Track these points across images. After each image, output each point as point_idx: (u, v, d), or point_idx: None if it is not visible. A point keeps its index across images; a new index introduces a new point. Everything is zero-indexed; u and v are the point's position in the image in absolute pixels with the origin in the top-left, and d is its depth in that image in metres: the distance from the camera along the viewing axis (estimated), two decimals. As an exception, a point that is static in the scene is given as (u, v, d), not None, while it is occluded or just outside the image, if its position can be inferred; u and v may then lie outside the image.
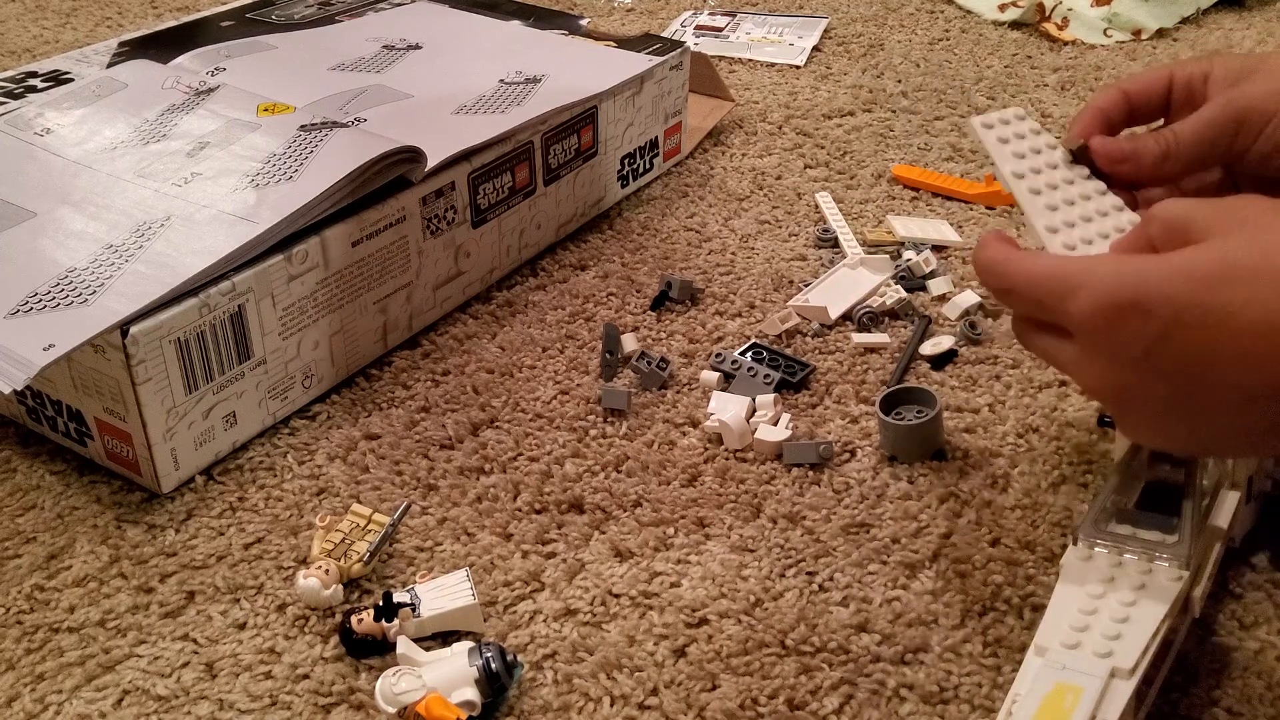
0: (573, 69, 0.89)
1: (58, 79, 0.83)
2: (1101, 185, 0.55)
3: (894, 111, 1.08)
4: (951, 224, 0.88)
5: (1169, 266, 0.44)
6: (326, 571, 0.56)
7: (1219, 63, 0.56)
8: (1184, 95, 0.57)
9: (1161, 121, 0.59)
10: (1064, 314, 0.46)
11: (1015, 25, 1.30)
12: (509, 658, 0.51)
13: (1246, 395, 0.43)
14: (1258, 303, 0.42)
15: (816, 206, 0.92)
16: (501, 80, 0.86)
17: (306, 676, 0.53)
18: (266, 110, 0.77)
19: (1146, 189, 0.58)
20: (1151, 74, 0.58)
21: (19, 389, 0.55)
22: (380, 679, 0.50)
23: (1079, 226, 0.53)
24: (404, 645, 0.52)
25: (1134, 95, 0.58)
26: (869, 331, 0.76)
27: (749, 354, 0.73)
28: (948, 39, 1.26)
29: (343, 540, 0.58)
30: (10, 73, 0.84)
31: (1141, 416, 0.47)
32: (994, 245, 0.50)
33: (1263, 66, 0.55)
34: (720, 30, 1.29)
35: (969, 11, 1.34)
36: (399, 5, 1.03)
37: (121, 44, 0.90)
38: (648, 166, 0.95)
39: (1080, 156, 0.55)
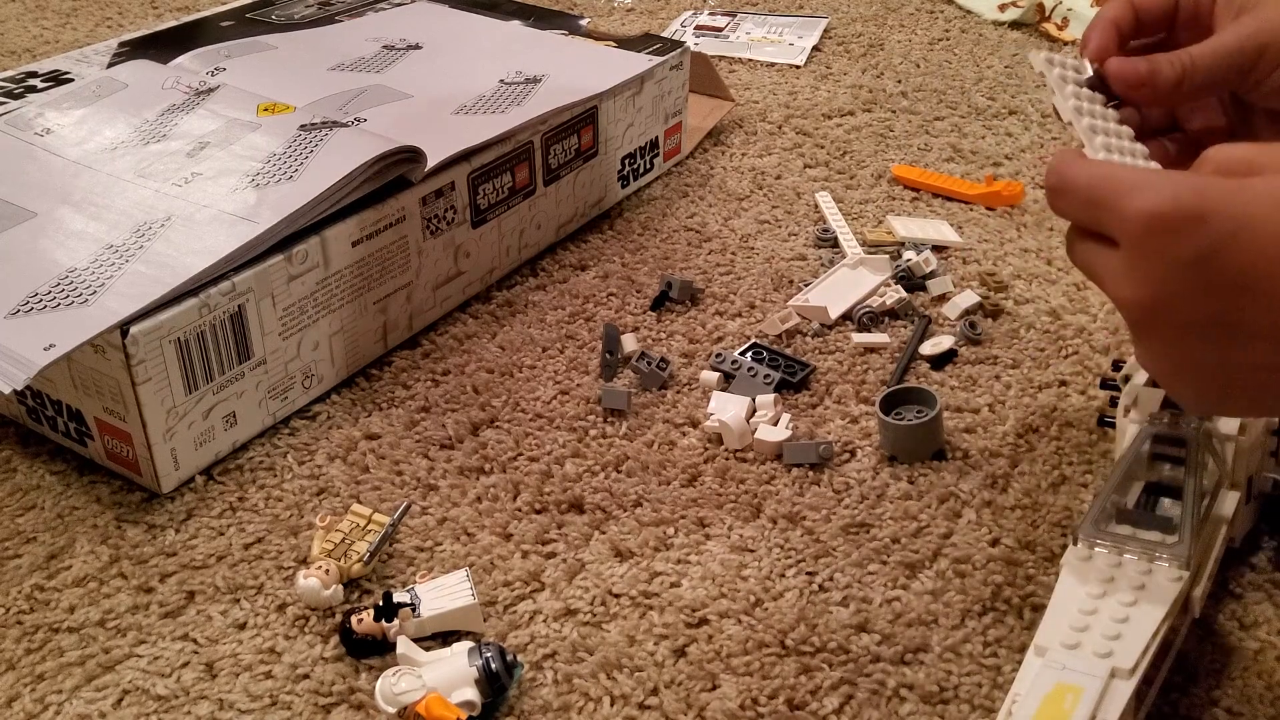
0: (573, 69, 0.89)
1: (58, 79, 0.83)
2: (1131, 132, 0.54)
3: (894, 111, 1.08)
4: (951, 224, 0.88)
5: (1235, 185, 0.42)
6: (326, 571, 0.56)
7: None
8: (1189, 14, 0.56)
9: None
10: (1118, 214, 0.44)
11: (1015, 25, 1.30)
12: (509, 658, 0.51)
13: None
14: None
15: (816, 206, 0.92)
16: (501, 80, 0.86)
17: (306, 676, 0.53)
18: (266, 110, 0.77)
19: (1148, 114, 0.57)
20: None
21: (19, 389, 0.55)
22: (380, 679, 0.50)
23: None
24: (404, 645, 0.52)
25: (1141, 8, 0.56)
26: (869, 331, 0.76)
27: (749, 354, 0.73)
28: (948, 39, 1.26)
29: (343, 540, 0.58)
30: (10, 73, 0.84)
31: (1170, 340, 0.44)
32: (1063, 153, 0.48)
33: None
34: (720, 30, 1.29)
35: (969, 11, 1.34)
36: (399, 5, 1.03)
37: (121, 44, 0.90)
38: (648, 166, 0.95)
39: (1095, 81, 0.54)
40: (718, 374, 0.72)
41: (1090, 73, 0.54)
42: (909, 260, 0.81)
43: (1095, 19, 0.57)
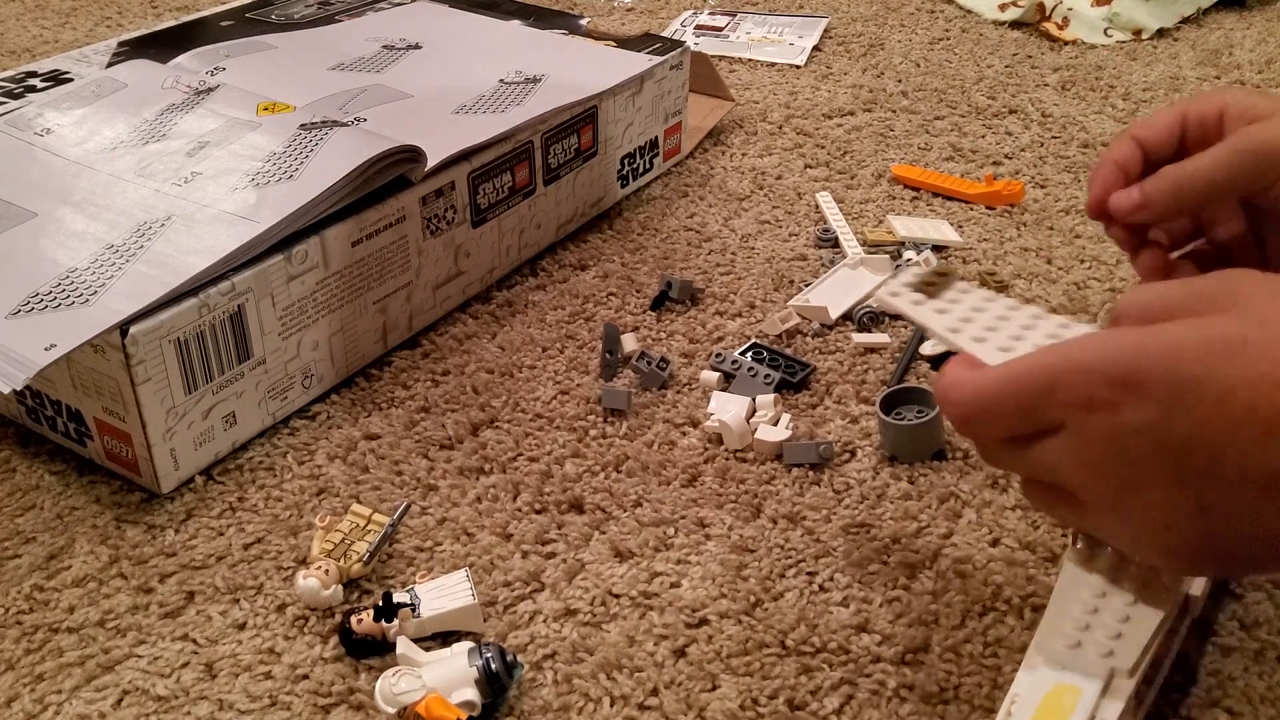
0: (573, 69, 0.89)
1: (57, 79, 0.83)
2: (1037, 310, 0.50)
3: (894, 111, 1.08)
4: (951, 224, 0.88)
5: (1161, 339, 0.40)
6: (326, 572, 0.56)
7: (1233, 98, 0.55)
8: (1198, 133, 0.55)
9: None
10: (1052, 408, 0.42)
11: (1015, 25, 1.30)
12: (509, 658, 0.51)
13: (1261, 486, 0.39)
14: (1261, 379, 0.38)
15: (817, 206, 0.92)
16: (501, 80, 0.86)
17: (306, 677, 0.53)
18: (266, 109, 0.77)
19: (1163, 238, 0.57)
20: (1163, 116, 0.56)
21: (19, 389, 0.55)
22: (380, 679, 0.50)
23: (1026, 338, 0.48)
24: (404, 645, 0.52)
25: (1148, 142, 0.56)
26: (869, 331, 0.76)
27: (749, 354, 0.73)
28: (948, 39, 1.26)
29: (342, 540, 0.58)
30: (10, 73, 0.84)
31: (1146, 523, 0.42)
32: (953, 367, 0.46)
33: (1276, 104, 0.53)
34: (720, 30, 1.29)
35: (969, 11, 1.34)
36: (399, 5, 1.03)
37: (121, 44, 0.90)
38: (648, 166, 0.95)
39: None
40: (718, 374, 0.72)
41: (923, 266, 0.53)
42: (909, 260, 0.81)
43: (1100, 160, 0.57)
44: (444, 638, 0.55)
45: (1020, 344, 0.48)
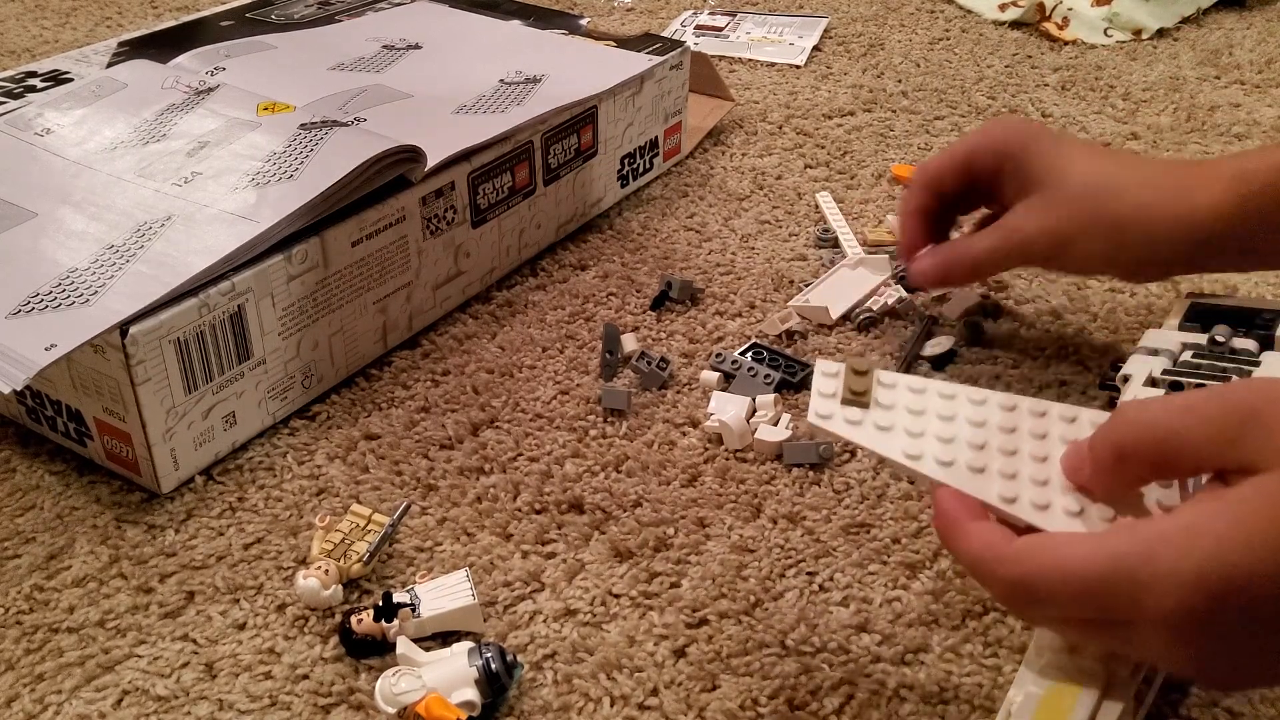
0: (573, 69, 0.89)
1: (57, 79, 0.83)
2: (976, 393, 0.48)
3: (894, 111, 1.08)
4: (951, 224, 0.88)
5: (1249, 529, 0.38)
6: (326, 572, 0.56)
7: (1009, 140, 0.65)
8: (982, 172, 0.66)
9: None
10: (1135, 614, 0.39)
11: (1015, 25, 1.30)
12: (509, 658, 0.51)
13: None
14: None
15: (817, 206, 0.92)
16: (501, 80, 0.86)
17: (306, 677, 0.53)
18: (266, 109, 0.77)
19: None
20: (945, 159, 0.67)
21: (19, 389, 0.55)
22: (380, 679, 0.50)
23: (1022, 469, 0.46)
24: (404, 645, 0.52)
25: (938, 185, 0.68)
26: (866, 332, 0.76)
27: (749, 354, 0.73)
28: (948, 39, 1.26)
29: (342, 540, 0.58)
30: (10, 73, 0.84)
31: (1235, 678, 0.42)
32: (976, 533, 0.43)
33: (1047, 156, 0.63)
34: (720, 30, 1.29)
35: (969, 11, 1.34)
36: (399, 5, 1.03)
37: (121, 44, 0.90)
38: (648, 166, 0.95)
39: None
40: (718, 374, 0.72)
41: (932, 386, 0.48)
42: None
43: (900, 212, 0.69)
44: (444, 638, 0.55)
45: (1023, 464, 0.45)
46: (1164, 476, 0.43)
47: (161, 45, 0.89)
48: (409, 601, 0.54)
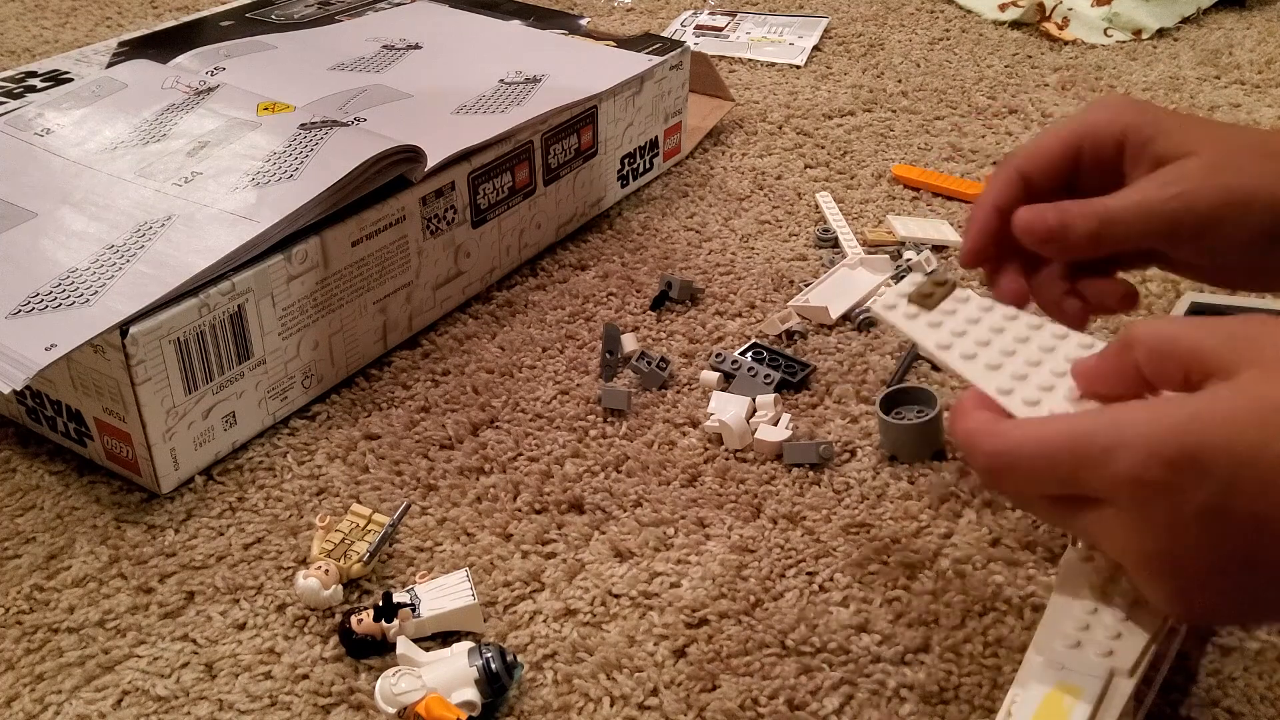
0: (573, 69, 0.89)
1: (57, 79, 0.83)
2: (1034, 319, 0.49)
3: (894, 111, 1.08)
4: (951, 224, 0.88)
5: (1216, 411, 0.38)
6: (326, 572, 0.56)
7: (1131, 119, 0.50)
8: (1093, 163, 0.51)
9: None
10: (1097, 482, 0.40)
11: (1015, 25, 1.30)
12: (509, 658, 0.51)
13: None
14: None
15: (816, 206, 0.92)
16: (501, 80, 0.86)
17: (306, 677, 0.53)
18: (266, 109, 0.77)
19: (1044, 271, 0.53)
20: (1051, 142, 0.52)
21: (19, 389, 0.55)
22: (380, 679, 0.50)
23: (1032, 374, 0.47)
24: (404, 645, 0.52)
25: (1034, 177, 0.52)
26: (867, 332, 0.76)
27: (749, 354, 0.73)
28: (948, 39, 1.26)
29: (342, 540, 0.58)
30: (10, 72, 0.84)
31: (1193, 588, 0.40)
32: (975, 414, 0.44)
33: (1182, 130, 0.49)
34: (720, 30, 1.29)
35: (969, 11, 1.34)
36: (399, 5, 1.03)
37: (121, 44, 0.90)
38: (648, 166, 0.95)
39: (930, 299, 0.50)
40: (718, 374, 0.72)
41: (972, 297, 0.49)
42: (909, 260, 0.81)
43: (979, 202, 0.52)
44: (444, 638, 0.55)
45: (1036, 372, 0.46)
46: (1171, 383, 0.42)
47: (161, 45, 0.89)
48: (409, 601, 0.54)
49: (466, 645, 0.52)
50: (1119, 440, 0.39)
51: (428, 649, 0.53)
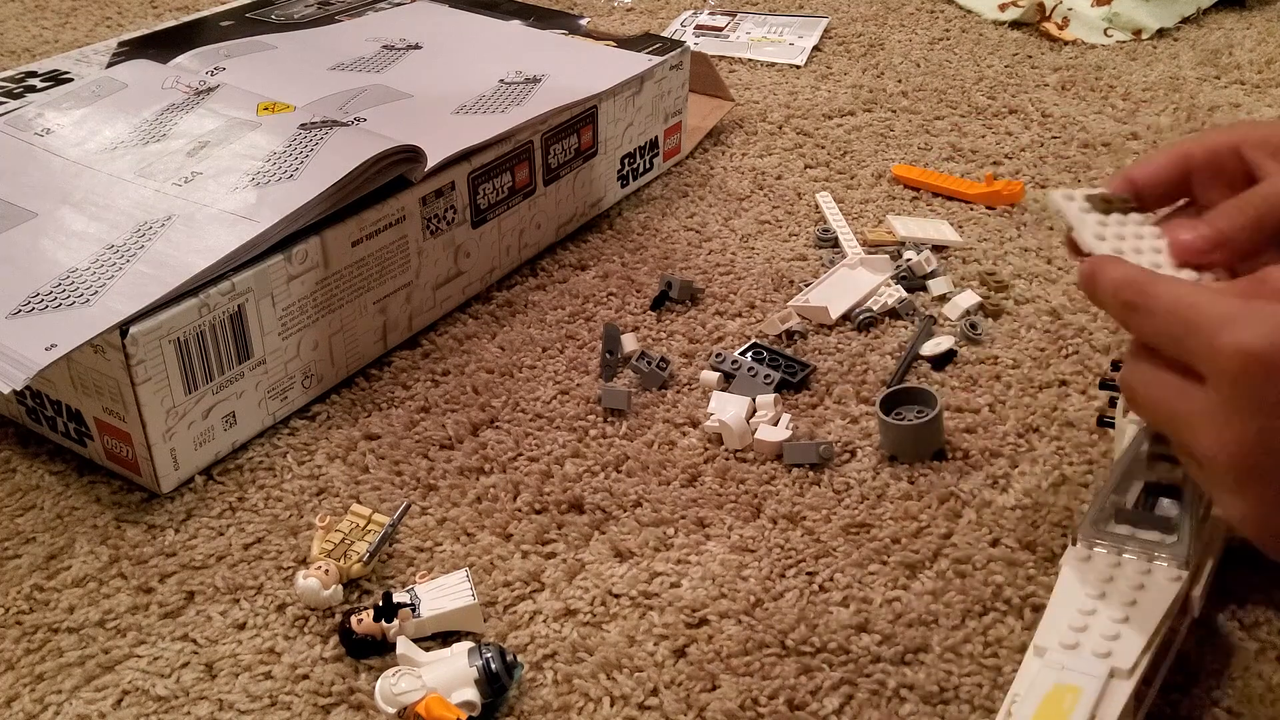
0: (573, 69, 0.89)
1: (57, 79, 0.83)
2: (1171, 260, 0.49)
3: (894, 111, 1.08)
4: (951, 224, 0.88)
5: None
6: (326, 572, 0.56)
7: (1245, 133, 0.49)
8: (1210, 172, 0.50)
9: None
10: (1208, 350, 0.40)
11: (1015, 25, 1.30)
12: (509, 658, 0.51)
13: None
14: None
15: (816, 206, 0.92)
16: (501, 80, 0.86)
17: (306, 677, 0.53)
18: (266, 109, 0.77)
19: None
20: (1161, 157, 0.51)
21: (19, 389, 0.55)
22: (380, 679, 0.50)
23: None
24: (404, 645, 0.52)
25: (1145, 188, 0.51)
26: (867, 332, 0.76)
27: (749, 354, 0.73)
28: (948, 39, 1.26)
29: (342, 540, 0.58)
30: (10, 72, 0.84)
31: (1268, 485, 0.40)
32: (1128, 266, 0.45)
33: None
34: (720, 30, 1.29)
35: (969, 11, 1.34)
36: (399, 5, 1.03)
37: (121, 44, 0.90)
38: (648, 166, 0.95)
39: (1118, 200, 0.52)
40: (718, 374, 0.72)
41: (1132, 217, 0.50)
42: (909, 260, 0.81)
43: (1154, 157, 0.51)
44: (444, 638, 0.55)
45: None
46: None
47: (161, 45, 0.89)
48: (409, 601, 0.54)
49: (466, 645, 0.52)
50: (1236, 317, 0.39)
51: (428, 649, 0.53)
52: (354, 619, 0.54)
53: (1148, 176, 0.51)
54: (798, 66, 1.19)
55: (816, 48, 1.23)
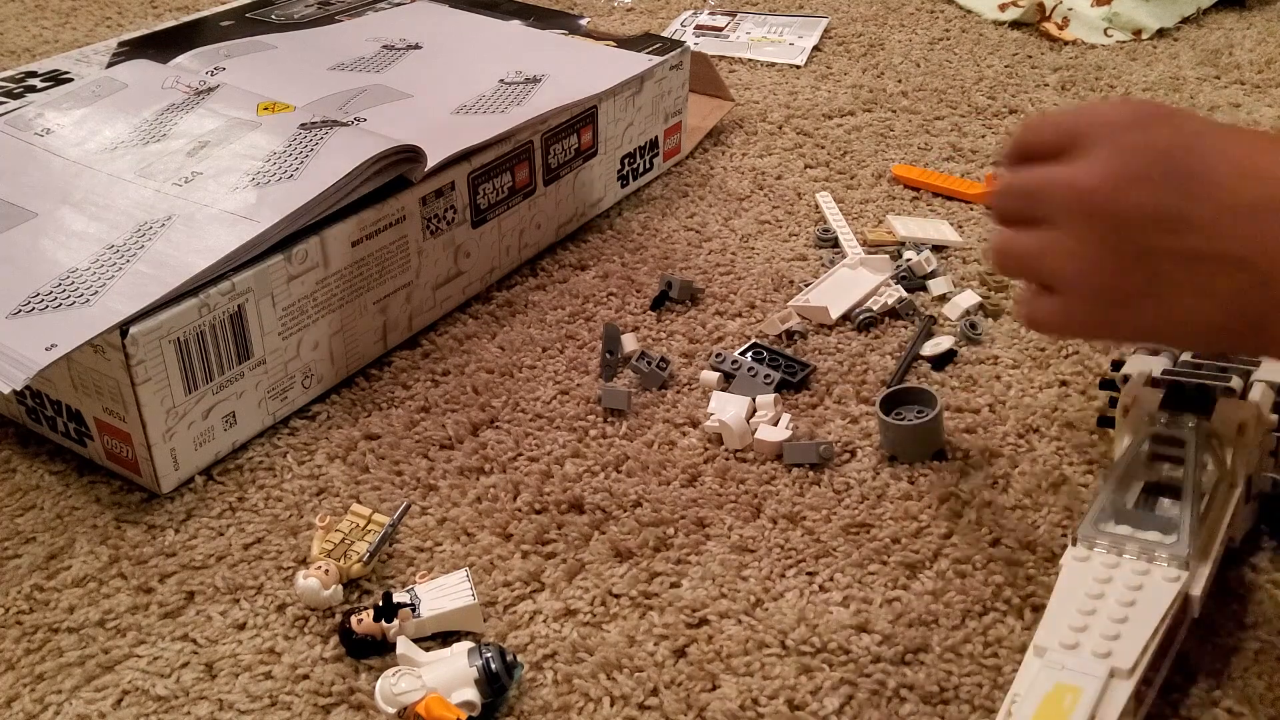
0: (573, 69, 0.89)
1: (57, 79, 0.83)
2: None
3: (894, 111, 1.08)
4: (951, 224, 0.88)
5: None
6: (326, 572, 0.56)
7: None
8: None
9: None
10: (1098, 114, 0.48)
11: (1015, 25, 1.30)
12: (509, 658, 0.51)
13: (1219, 249, 0.44)
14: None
15: (817, 206, 0.92)
16: (501, 80, 0.86)
17: (306, 677, 0.53)
18: (266, 109, 0.77)
19: None
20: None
21: (19, 389, 0.55)
22: (380, 679, 0.50)
23: None
24: (404, 645, 0.52)
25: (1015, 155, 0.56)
26: (868, 332, 0.76)
27: (749, 354, 0.73)
28: (948, 39, 1.26)
29: (342, 540, 0.58)
30: (10, 72, 0.84)
31: (1109, 227, 0.46)
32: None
33: None
34: (720, 30, 1.29)
35: (969, 11, 1.34)
36: (399, 5, 1.03)
37: (121, 44, 0.90)
38: (648, 166, 0.95)
39: None
40: (718, 374, 0.72)
41: None
42: (909, 260, 0.81)
43: None
44: (444, 638, 0.55)
45: None
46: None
47: (161, 45, 0.89)
48: (409, 601, 0.54)
49: (466, 645, 0.52)
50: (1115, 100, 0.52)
51: (428, 649, 0.53)
52: (354, 619, 0.54)
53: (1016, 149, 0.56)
54: (798, 66, 1.19)
55: (816, 48, 1.23)
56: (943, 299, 0.80)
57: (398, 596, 0.54)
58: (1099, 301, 0.48)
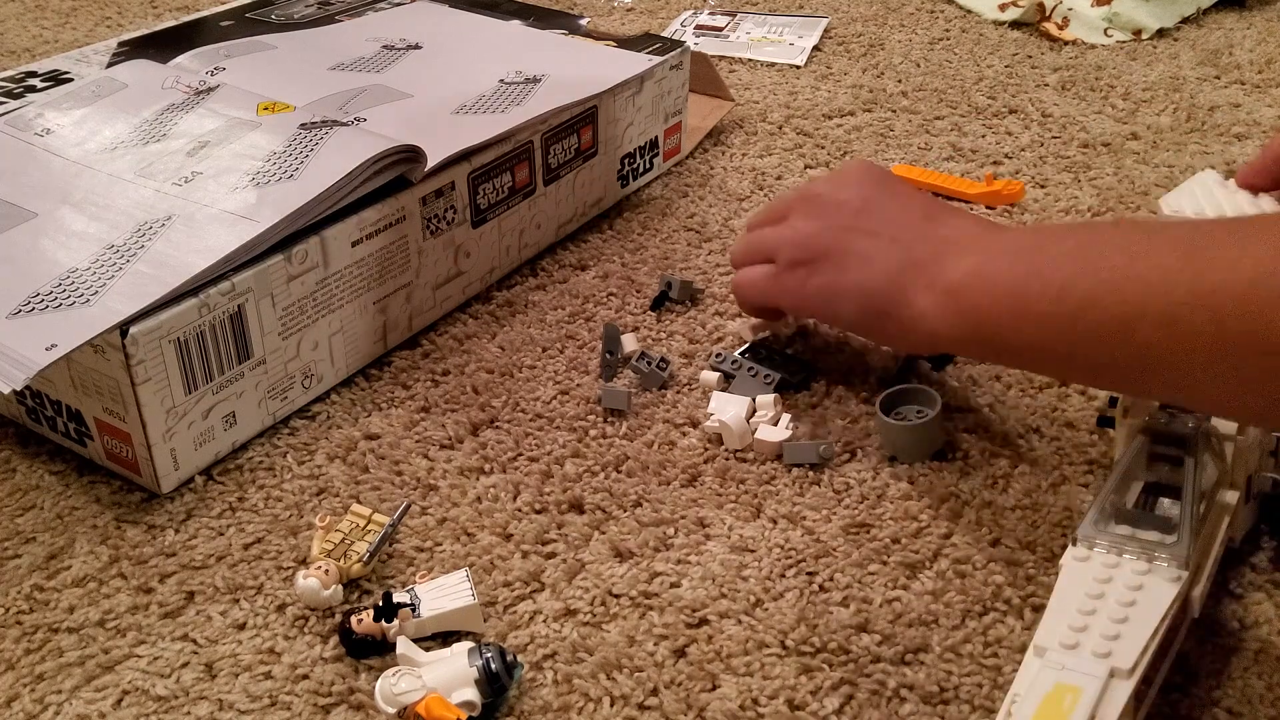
0: (573, 69, 0.89)
1: (57, 79, 0.83)
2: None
3: (894, 111, 1.08)
4: (951, 224, 0.88)
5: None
6: (326, 572, 0.56)
7: None
8: None
9: None
10: (804, 188, 0.68)
11: (1015, 25, 1.30)
12: (509, 658, 0.51)
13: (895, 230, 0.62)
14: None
15: (816, 206, 0.91)
16: (501, 80, 0.86)
17: (306, 677, 0.53)
18: (266, 109, 0.77)
19: None
20: (1260, 155, 0.62)
21: (19, 389, 0.55)
22: (380, 679, 0.50)
23: None
24: (404, 645, 0.52)
25: (1251, 182, 0.62)
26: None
27: (749, 354, 0.73)
28: (948, 39, 1.26)
29: (342, 540, 0.58)
30: (10, 72, 0.84)
31: (816, 225, 0.65)
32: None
33: None
34: (720, 30, 1.29)
35: (969, 11, 1.34)
36: (399, 5, 1.03)
37: (121, 44, 0.90)
38: (648, 166, 0.95)
39: None
40: (718, 374, 0.72)
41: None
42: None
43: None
44: (444, 638, 0.55)
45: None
46: None
47: (161, 45, 0.89)
48: (409, 601, 0.54)
49: (466, 645, 0.52)
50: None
51: (428, 649, 0.53)
52: (354, 619, 0.54)
53: (1252, 174, 0.62)
54: (798, 66, 1.19)
55: (816, 48, 1.23)
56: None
57: (398, 596, 0.54)
58: (794, 264, 0.65)
